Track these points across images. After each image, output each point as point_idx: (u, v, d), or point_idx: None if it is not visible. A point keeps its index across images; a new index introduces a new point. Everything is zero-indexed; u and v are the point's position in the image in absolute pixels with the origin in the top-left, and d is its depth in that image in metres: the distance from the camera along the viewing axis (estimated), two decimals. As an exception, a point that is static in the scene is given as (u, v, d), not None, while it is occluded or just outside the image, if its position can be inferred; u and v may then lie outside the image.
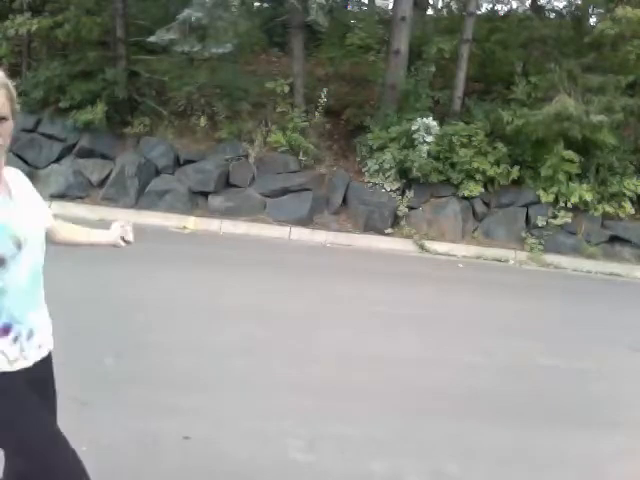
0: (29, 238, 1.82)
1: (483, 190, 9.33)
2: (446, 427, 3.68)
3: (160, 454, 3.05)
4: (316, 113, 9.85)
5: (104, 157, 9.74)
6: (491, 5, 13.76)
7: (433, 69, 10.23)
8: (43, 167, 9.63)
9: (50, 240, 2.06)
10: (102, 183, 9.51)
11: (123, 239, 2.24)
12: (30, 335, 1.87)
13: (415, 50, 10.40)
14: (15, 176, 1.92)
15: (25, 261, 1.80)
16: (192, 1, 8.62)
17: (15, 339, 1.82)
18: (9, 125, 1.72)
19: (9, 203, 1.81)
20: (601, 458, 3.52)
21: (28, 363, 1.87)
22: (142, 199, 9.37)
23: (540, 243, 9.06)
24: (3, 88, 1.69)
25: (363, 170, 9.56)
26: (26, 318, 1.85)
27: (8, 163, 1.87)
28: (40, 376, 1.97)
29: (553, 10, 12.93)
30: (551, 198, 9.22)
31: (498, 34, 11.43)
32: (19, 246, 1.77)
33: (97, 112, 9.30)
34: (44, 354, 1.97)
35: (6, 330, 1.80)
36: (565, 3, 12.27)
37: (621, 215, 9.38)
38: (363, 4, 16.14)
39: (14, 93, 1.75)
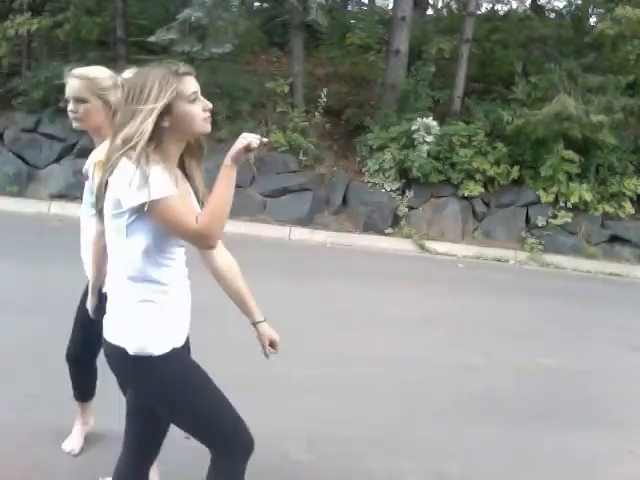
0: None
1: (483, 190, 9.32)
2: (446, 427, 3.68)
3: (160, 454, 3.04)
4: (316, 113, 9.84)
5: (104, 157, 9.74)
6: (491, 5, 13.75)
7: (433, 69, 10.23)
8: (43, 167, 9.60)
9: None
10: (102, 183, 9.50)
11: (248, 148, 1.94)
12: None
13: (415, 50, 10.39)
14: None
15: None
16: (192, 1, 8.63)
17: None
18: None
19: None
20: (601, 458, 3.52)
21: None
22: (142, 199, 9.37)
23: (540, 243, 9.05)
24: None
25: (363, 170, 9.55)
26: None
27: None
28: None
29: (553, 10, 12.92)
30: (551, 198, 9.22)
31: (498, 34, 11.43)
32: None
33: (97, 112, 9.29)
34: None
35: None
36: (565, 3, 12.26)
37: (621, 215, 9.37)
38: (363, 4, 16.11)
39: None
